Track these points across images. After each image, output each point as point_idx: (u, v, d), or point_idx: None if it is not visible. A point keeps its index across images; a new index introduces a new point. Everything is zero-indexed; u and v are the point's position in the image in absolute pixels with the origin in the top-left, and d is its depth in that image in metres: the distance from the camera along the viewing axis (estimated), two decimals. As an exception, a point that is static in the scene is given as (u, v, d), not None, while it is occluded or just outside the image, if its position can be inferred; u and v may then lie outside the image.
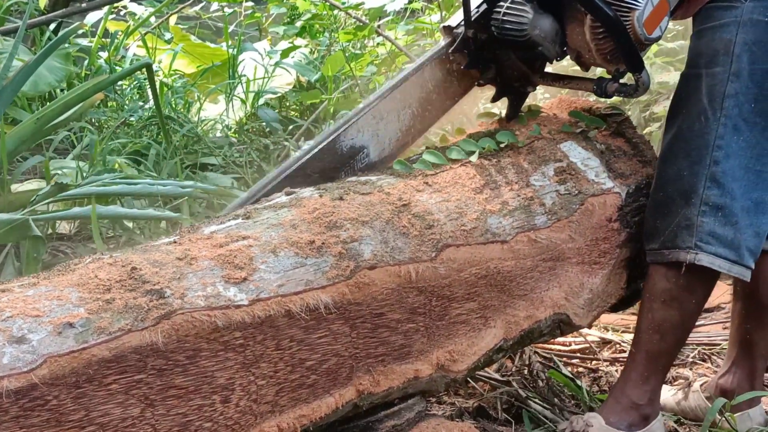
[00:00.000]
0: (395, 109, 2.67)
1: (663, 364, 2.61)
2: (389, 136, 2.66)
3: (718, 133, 2.47)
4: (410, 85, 2.70)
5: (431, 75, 2.74)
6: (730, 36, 2.47)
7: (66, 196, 3.26)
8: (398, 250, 2.20)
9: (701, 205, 2.48)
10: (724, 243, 2.47)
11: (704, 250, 2.47)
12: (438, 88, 2.76)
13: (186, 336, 1.82)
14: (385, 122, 2.65)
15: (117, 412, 1.74)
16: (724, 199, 2.47)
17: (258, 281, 1.96)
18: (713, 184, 2.47)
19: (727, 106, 2.47)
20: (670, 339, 2.57)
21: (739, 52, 2.45)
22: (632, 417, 2.57)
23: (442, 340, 2.31)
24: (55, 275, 1.87)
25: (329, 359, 2.08)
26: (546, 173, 2.60)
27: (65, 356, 1.68)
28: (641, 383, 2.59)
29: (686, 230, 2.49)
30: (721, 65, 2.48)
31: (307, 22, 6.39)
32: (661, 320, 2.55)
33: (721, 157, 2.47)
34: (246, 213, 2.21)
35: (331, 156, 2.54)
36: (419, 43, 6.21)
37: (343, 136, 2.56)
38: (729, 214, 2.47)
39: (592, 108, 2.88)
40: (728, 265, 2.48)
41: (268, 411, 1.98)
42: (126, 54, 6.01)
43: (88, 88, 3.53)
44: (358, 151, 2.59)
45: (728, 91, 2.46)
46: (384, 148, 2.65)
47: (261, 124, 5.53)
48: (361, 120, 2.59)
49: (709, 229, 2.47)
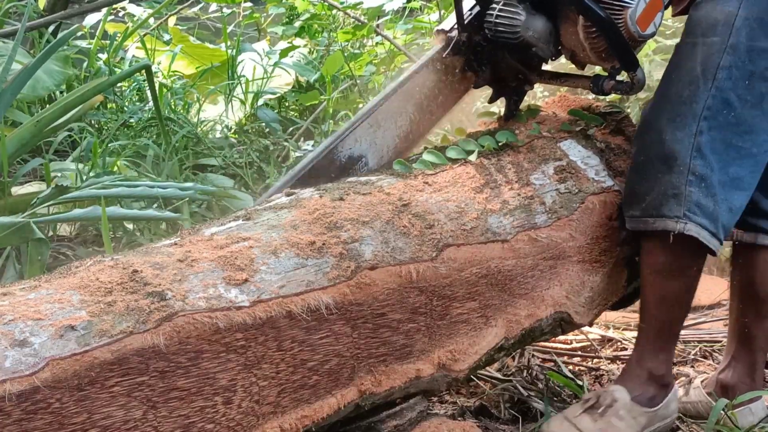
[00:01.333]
0: (392, 116, 2.67)
1: (675, 332, 2.63)
2: (387, 144, 2.66)
3: (707, 104, 2.45)
4: (406, 91, 2.70)
5: (427, 79, 2.74)
6: (732, 8, 2.45)
7: (66, 198, 3.26)
8: (399, 250, 2.20)
9: (688, 174, 2.45)
10: (706, 214, 2.46)
11: (692, 220, 2.45)
12: (434, 92, 2.76)
13: (187, 338, 1.82)
14: (383, 130, 2.65)
15: (119, 415, 1.74)
16: (706, 170, 2.45)
17: (259, 282, 1.96)
18: (698, 154, 2.45)
19: (720, 77, 2.45)
20: (677, 308, 2.59)
21: (740, 25, 2.44)
22: (653, 388, 2.59)
23: (444, 340, 2.32)
24: (56, 278, 1.87)
25: (331, 360, 2.08)
26: (546, 172, 2.60)
27: (67, 359, 1.68)
28: (657, 353, 2.60)
29: (674, 199, 2.47)
30: (719, 35, 2.46)
31: (305, 22, 6.39)
32: (665, 292, 2.56)
33: (706, 128, 2.46)
34: (246, 214, 2.21)
35: (329, 167, 2.54)
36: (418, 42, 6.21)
37: (340, 146, 2.56)
38: (710, 185, 2.45)
39: (592, 106, 2.89)
40: (708, 236, 2.46)
41: (270, 412, 1.98)
42: (125, 55, 6.01)
43: (88, 90, 3.53)
44: (356, 161, 2.59)
45: (723, 63, 2.45)
46: (383, 155, 2.65)
47: (260, 125, 5.53)
48: (359, 129, 2.59)
49: (696, 199, 2.45)
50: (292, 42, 6.35)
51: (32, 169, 4.32)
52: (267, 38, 7.04)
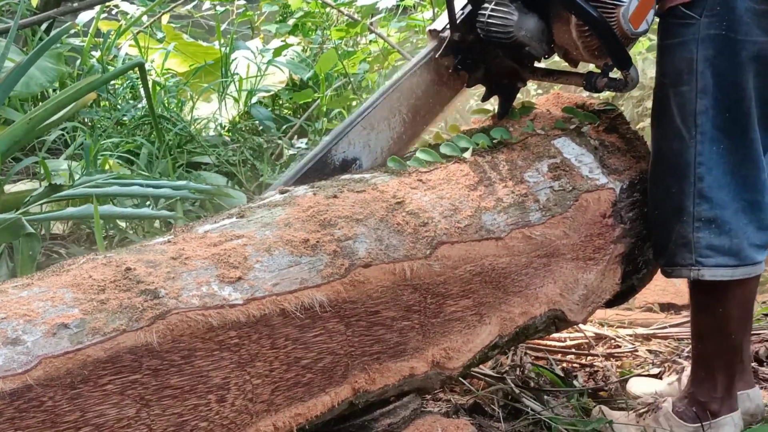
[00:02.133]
0: (385, 118, 2.67)
1: (717, 366, 2.67)
2: (381, 145, 2.67)
3: (697, 150, 2.51)
4: (399, 92, 2.71)
5: (420, 80, 2.75)
6: (690, 54, 2.49)
7: (59, 196, 3.25)
8: (393, 247, 2.20)
9: (694, 221, 2.54)
10: (723, 252, 2.54)
11: (705, 264, 2.55)
12: (427, 93, 2.77)
13: (181, 336, 1.82)
14: (376, 132, 2.66)
15: (112, 413, 1.73)
16: (715, 212, 2.53)
17: (253, 280, 1.96)
18: (702, 200, 2.53)
19: (701, 122, 2.50)
20: (712, 344, 2.65)
21: (702, 68, 2.48)
22: (698, 410, 2.67)
23: (438, 338, 2.31)
24: (49, 276, 1.87)
25: (324, 358, 2.07)
26: (540, 169, 2.60)
27: (60, 357, 1.67)
28: (700, 383, 2.68)
29: (684, 248, 2.56)
30: (687, 84, 2.51)
31: (299, 20, 6.39)
32: (699, 326, 2.68)
33: (704, 173, 2.52)
34: (240, 212, 2.21)
35: (324, 170, 2.55)
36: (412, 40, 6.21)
37: (334, 150, 2.58)
38: (722, 224, 2.53)
39: (586, 104, 2.88)
40: (731, 271, 2.55)
41: (263, 410, 1.98)
42: (118, 53, 5.99)
43: (81, 88, 3.52)
44: (350, 163, 2.60)
45: (699, 108, 2.50)
46: (377, 157, 2.65)
47: (254, 123, 5.52)
48: (352, 132, 2.60)
49: (707, 243, 2.54)
50: (285, 40, 6.34)
51: (25, 167, 4.31)
52: (260, 36, 7.03)
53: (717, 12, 2.44)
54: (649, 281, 2.89)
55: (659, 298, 4.06)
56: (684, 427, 2.65)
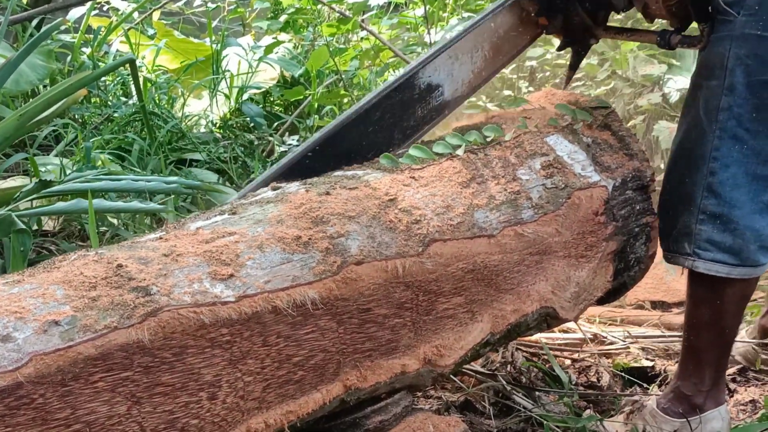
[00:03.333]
0: (469, 51, 2.78)
1: (707, 359, 2.70)
2: (462, 77, 2.77)
3: (713, 145, 2.55)
4: (483, 29, 2.81)
5: (503, 20, 2.85)
6: (723, 50, 2.52)
7: (50, 192, 3.24)
8: (385, 245, 2.19)
9: (699, 213, 2.58)
10: (722, 249, 2.57)
11: (701, 257, 2.59)
12: (508, 33, 2.88)
13: (172, 333, 1.81)
14: (460, 63, 2.75)
15: (103, 410, 1.73)
16: (722, 208, 2.56)
17: (245, 277, 1.95)
18: (710, 194, 2.56)
19: (722, 119, 2.53)
20: (706, 337, 2.68)
21: (733, 66, 2.50)
22: (683, 405, 2.70)
23: (429, 335, 2.31)
24: (39, 272, 1.86)
25: (316, 355, 2.07)
26: (533, 167, 2.60)
27: (51, 354, 1.66)
28: (688, 376, 2.72)
29: (685, 237, 2.61)
30: (716, 79, 2.54)
31: (290, 17, 6.37)
32: (694, 318, 2.69)
33: (718, 168, 2.55)
34: (232, 208, 2.20)
35: (409, 91, 2.64)
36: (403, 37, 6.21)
37: (421, 72, 2.67)
38: (727, 221, 2.55)
39: (578, 101, 2.89)
40: (728, 268, 2.58)
41: (255, 407, 1.97)
42: (109, 50, 5.98)
43: (71, 84, 3.51)
44: (434, 89, 2.70)
45: (722, 105, 2.53)
46: (457, 88, 2.75)
47: (245, 120, 5.52)
48: (438, 59, 2.70)
49: (707, 236, 2.57)
50: (276, 37, 6.33)
51: (15, 164, 4.29)
52: (252, 33, 7.02)
53: (755, 12, 2.46)
54: (640, 279, 2.89)
55: (650, 295, 4.07)
56: (670, 422, 2.66)
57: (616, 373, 3.20)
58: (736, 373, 3.20)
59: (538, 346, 3.35)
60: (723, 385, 2.74)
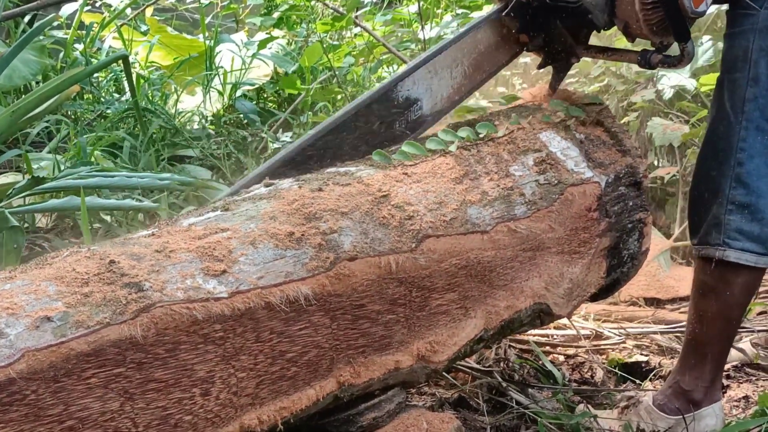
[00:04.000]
0: (448, 66, 2.77)
1: (710, 353, 2.70)
2: (441, 92, 2.76)
3: (740, 136, 2.57)
4: (464, 44, 2.81)
5: (484, 36, 2.85)
6: (747, 43, 2.56)
7: (43, 188, 3.23)
8: (378, 241, 2.19)
9: (728, 204, 2.60)
10: (751, 238, 2.59)
11: (732, 246, 2.60)
12: (489, 50, 2.88)
13: (165, 329, 1.81)
14: (439, 77, 2.75)
15: (96, 406, 1.72)
16: (750, 198, 2.58)
17: (237, 273, 1.95)
18: (738, 185, 2.59)
19: (748, 110, 2.56)
20: (712, 329, 2.68)
21: (757, 57, 2.54)
22: (680, 401, 2.70)
23: (423, 331, 2.31)
24: (32, 269, 1.85)
25: (310, 351, 2.07)
26: (526, 163, 2.60)
27: (43, 350, 1.66)
28: (689, 370, 2.71)
29: (715, 228, 2.62)
30: (740, 71, 2.57)
31: (284, 13, 6.37)
32: (701, 310, 2.68)
33: (745, 159, 2.57)
34: (225, 205, 2.20)
35: (387, 104, 2.64)
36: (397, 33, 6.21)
37: (399, 86, 2.66)
38: (755, 211, 2.58)
39: (571, 97, 2.89)
40: (755, 257, 2.60)
41: (248, 403, 1.97)
42: (102, 46, 5.97)
43: (64, 81, 3.50)
44: (412, 103, 2.69)
45: (747, 96, 2.56)
46: (436, 102, 2.74)
47: (238, 116, 5.51)
48: (417, 73, 2.69)
49: (736, 226, 2.59)
50: (270, 33, 6.33)
51: (8, 160, 4.29)
52: (245, 29, 7.01)
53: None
54: (633, 275, 2.90)
55: (644, 292, 4.08)
56: (665, 419, 2.67)
57: (610, 370, 3.20)
58: (731, 369, 3.21)
59: (531, 342, 3.35)
60: (720, 381, 2.75)
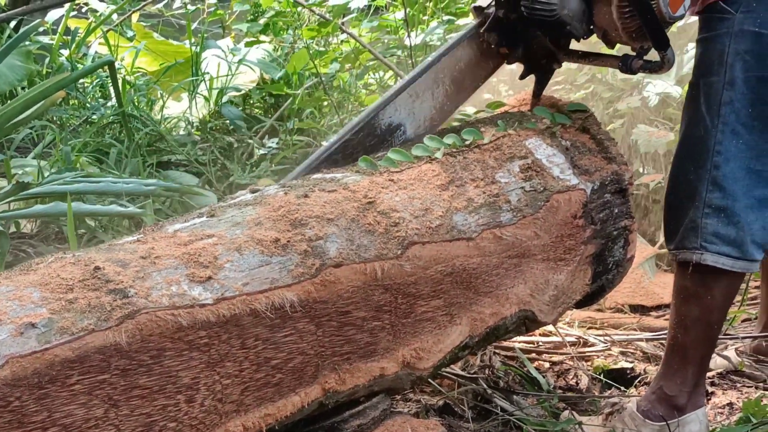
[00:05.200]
0: (429, 88, 2.78)
1: (692, 357, 2.70)
2: (424, 114, 2.77)
3: (716, 139, 2.58)
4: (444, 64, 2.81)
5: (463, 54, 2.86)
6: (722, 47, 2.56)
7: (27, 194, 3.22)
8: (364, 247, 2.19)
9: (704, 207, 2.60)
10: (727, 242, 2.59)
11: (709, 250, 2.60)
12: (469, 67, 2.88)
13: (150, 335, 1.80)
14: (421, 100, 2.76)
15: (80, 413, 1.72)
16: (726, 201, 2.59)
17: (223, 280, 1.95)
18: (715, 188, 2.59)
19: (724, 113, 2.57)
20: (693, 333, 2.68)
21: (732, 61, 2.55)
22: (664, 407, 2.70)
23: (408, 338, 2.31)
24: (16, 275, 1.85)
25: (295, 358, 2.07)
26: (511, 170, 2.60)
27: (27, 357, 1.66)
28: (672, 375, 2.71)
29: (692, 232, 2.62)
30: (716, 75, 2.58)
31: (270, 20, 6.36)
32: (683, 315, 2.68)
33: (721, 162, 2.58)
34: (210, 211, 2.20)
35: (370, 133, 2.65)
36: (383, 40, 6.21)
37: (381, 114, 2.68)
38: (731, 214, 2.59)
39: (557, 104, 2.89)
40: (731, 261, 2.60)
41: (233, 410, 1.97)
42: (88, 52, 5.96)
43: (50, 86, 3.50)
44: (395, 129, 2.70)
45: (724, 99, 2.57)
46: (419, 125, 2.75)
47: (225, 122, 5.50)
48: (398, 99, 2.71)
49: (713, 229, 2.60)
50: (257, 39, 6.32)
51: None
52: (231, 35, 7.00)
53: (753, 8, 2.52)
54: (619, 282, 2.90)
55: (629, 299, 4.08)
56: (650, 426, 2.67)
57: (595, 376, 3.20)
58: (715, 376, 3.21)
59: (517, 348, 3.35)
60: (703, 386, 2.75)
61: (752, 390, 3.06)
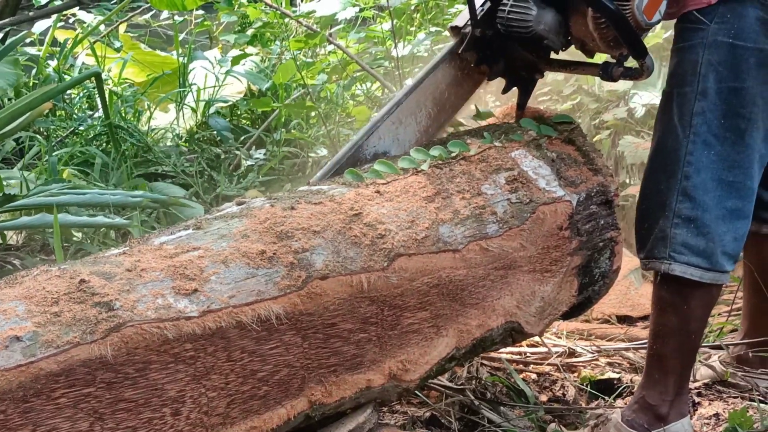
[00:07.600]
0: (412, 113, 2.79)
1: (672, 367, 2.71)
2: (409, 139, 2.78)
3: (687, 150, 2.59)
4: (425, 88, 2.82)
5: (444, 75, 2.86)
6: (696, 57, 2.58)
7: (14, 206, 3.22)
8: (350, 259, 2.19)
9: (674, 217, 2.61)
10: (696, 252, 2.60)
11: (677, 260, 2.61)
12: (451, 87, 2.89)
13: (136, 348, 1.80)
14: (404, 126, 2.77)
15: (65, 427, 1.72)
16: (696, 212, 2.59)
17: (209, 292, 1.95)
18: (685, 198, 2.60)
19: (696, 123, 2.58)
20: (672, 343, 2.69)
21: (705, 72, 2.56)
22: (647, 417, 2.70)
23: (395, 350, 2.31)
24: (1, 287, 1.85)
25: (281, 370, 2.06)
26: (497, 182, 2.60)
27: (12, 370, 1.65)
28: (653, 385, 2.71)
29: (661, 241, 2.63)
30: (689, 85, 2.59)
31: (257, 31, 6.36)
32: (661, 325, 2.70)
33: (692, 172, 2.59)
34: (196, 223, 2.20)
35: (357, 164, 2.64)
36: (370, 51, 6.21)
37: (365, 144, 2.68)
38: (701, 225, 2.59)
39: (543, 116, 2.90)
40: (700, 272, 2.61)
41: (219, 423, 1.96)
42: (75, 63, 5.96)
43: (37, 97, 3.49)
44: (381, 156, 2.68)
45: (696, 110, 2.58)
46: (405, 151, 2.73)
47: (212, 133, 5.50)
48: (382, 128, 2.72)
49: (682, 240, 2.60)
50: (244, 50, 6.32)
51: (-21, 177, 4.26)
52: (219, 46, 7.00)
53: (727, 20, 2.54)
54: (605, 293, 2.90)
55: (616, 310, 4.08)
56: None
57: (581, 387, 3.20)
58: (702, 386, 3.22)
59: (503, 360, 3.36)
60: (686, 395, 2.76)
61: (738, 400, 3.07)
